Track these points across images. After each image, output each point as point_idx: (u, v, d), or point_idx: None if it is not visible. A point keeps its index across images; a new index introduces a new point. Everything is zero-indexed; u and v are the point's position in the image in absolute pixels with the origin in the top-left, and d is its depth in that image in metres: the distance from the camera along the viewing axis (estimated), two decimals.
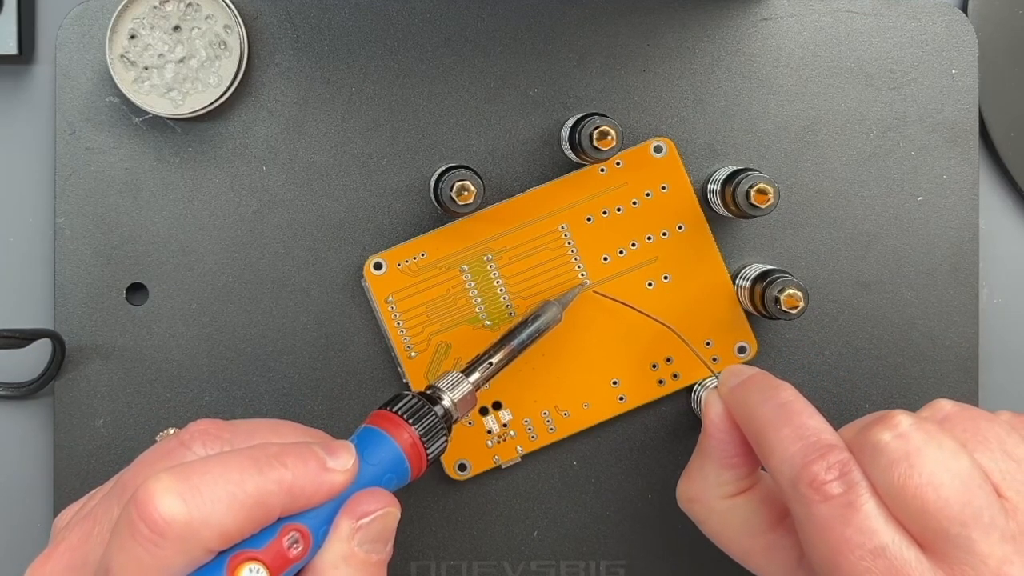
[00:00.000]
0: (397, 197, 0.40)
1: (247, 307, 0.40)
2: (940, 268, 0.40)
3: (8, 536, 0.41)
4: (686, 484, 0.36)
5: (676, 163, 0.40)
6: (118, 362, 0.40)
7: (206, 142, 0.40)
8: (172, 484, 0.27)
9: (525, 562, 0.41)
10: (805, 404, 0.33)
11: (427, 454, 0.33)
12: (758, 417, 0.33)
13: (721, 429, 0.35)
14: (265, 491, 0.28)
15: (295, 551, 0.29)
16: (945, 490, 0.28)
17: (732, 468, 0.35)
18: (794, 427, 0.31)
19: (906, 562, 0.28)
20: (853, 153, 0.40)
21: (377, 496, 0.31)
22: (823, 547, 0.29)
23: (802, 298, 0.37)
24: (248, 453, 0.29)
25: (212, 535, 0.28)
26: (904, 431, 0.30)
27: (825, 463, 0.30)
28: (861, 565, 0.29)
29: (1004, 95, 0.42)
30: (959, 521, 0.28)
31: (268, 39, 0.40)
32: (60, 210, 0.40)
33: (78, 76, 0.40)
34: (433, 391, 0.35)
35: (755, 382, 0.34)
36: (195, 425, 0.31)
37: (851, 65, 0.40)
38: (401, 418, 0.32)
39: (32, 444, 0.41)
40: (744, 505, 0.34)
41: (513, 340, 0.37)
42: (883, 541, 0.29)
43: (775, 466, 0.31)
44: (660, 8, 0.40)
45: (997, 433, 0.30)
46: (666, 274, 0.40)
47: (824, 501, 0.29)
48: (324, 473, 0.30)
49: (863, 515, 0.29)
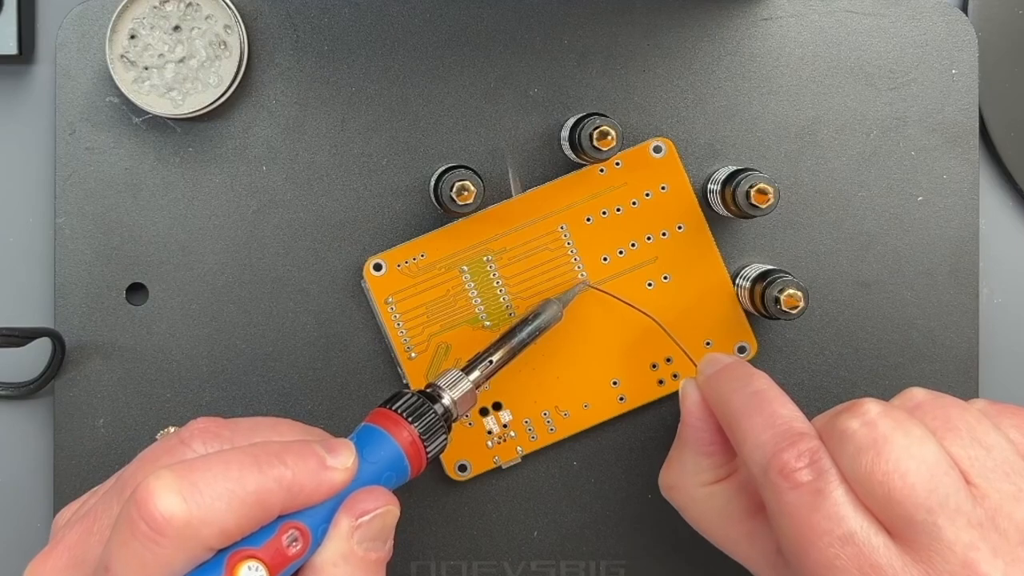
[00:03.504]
0: (397, 197, 0.40)
1: (247, 307, 0.40)
2: (940, 268, 0.40)
3: (8, 536, 0.41)
4: (666, 472, 0.36)
5: (676, 163, 0.40)
6: (118, 362, 0.40)
7: (206, 142, 0.40)
8: (172, 482, 0.28)
9: (525, 562, 0.41)
10: (778, 392, 0.33)
11: (427, 452, 0.33)
12: (731, 405, 0.33)
13: (697, 417, 0.35)
14: (265, 489, 0.28)
15: (294, 549, 0.29)
16: (911, 477, 0.28)
17: (709, 456, 0.35)
18: (766, 415, 0.32)
19: (874, 549, 0.29)
20: (853, 153, 0.40)
21: (377, 494, 0.31)
22: (792, 534, 0.30)
23: (802, 298, 0.37)
24: (248, 451, 0.29)
25: (212, 533, 0.28)
26: (872, 419, 0.30)
27: (795, 451, 0.30)
28: (830, 552, 0.29)
29: (1004, 95, 0.42)
30: (925, 507, 0.28)
31: (268, 39, 0.40)
32: (60, 210, 0.40)
33: (78, 76, 0.40)
34: (433, 389, 0.35)
35: (730, 371, 0.35)
36: (195, 423, 0.31)
37: (851, 65, 0.40)
38: (401, 416, 0.33)
39: (32, 444, 0.41)
40: (722, 493, 0.35)
41: (513, 339, 0.37)
42: (851, 528, 0.29)
43: (747, 453, 0.32)
44: (660, 8, 0.40)
45: (967, 420, 0.30)
46: (666, 274, 0.40)
47: (794, 488, 0.30)
48: (324, 471, 0.30)
49: (832, 502, 0.29)
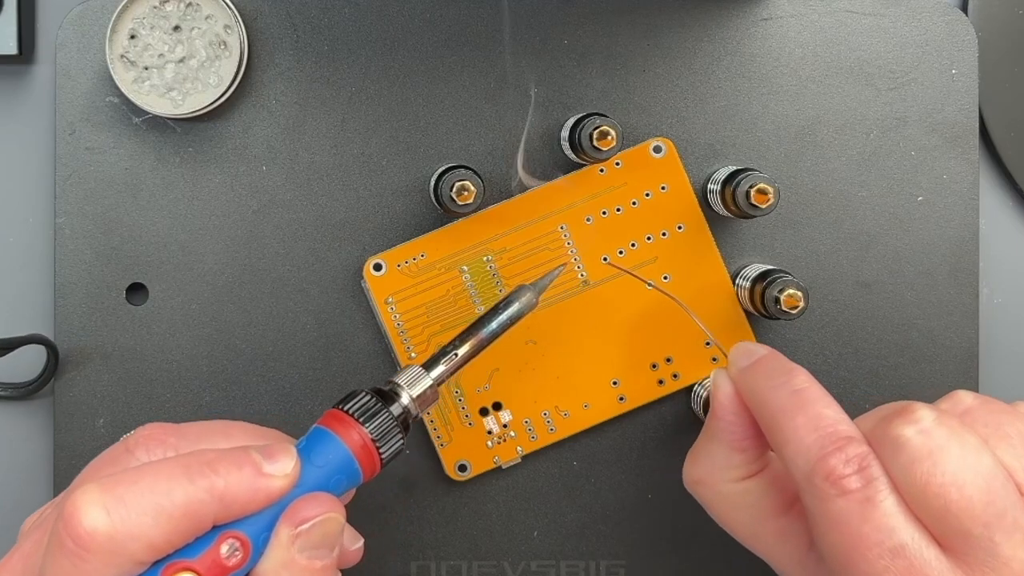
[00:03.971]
0: (397, 197, 0.40)
1: (247, 307, 0.40)
2: (940, 268, 0.40)
3: (8, 536, 0.41)
4: (693, 465, 0.34)
5: (676, 163, 0.40)
6: (118, 362, 0.40)
7: (206, 142, 0.40)
8: (97, 496, 0.27)
9: (525, 562, 0.41)
10: (821, 391, 0.31)
11: (380, 456, 0.31)
12: (771, 403, 0.32)
13: (731, 411, 0.33)
14: (195, 499, 0.28)
15: (234, 560, 0.29)
16: (968, 489, 0.27)
17: (742, 451, 0.33)
18: (809, 416, 0.30)
19: (926, 562, 0.27)
20: (853, 153, 0.40)
21: (318, 501, 0.30)
22: (838, 543, 0.28)
23: (802, 298, 0.37)
24: (180, 461, 0.29)
25: (139, 547, 0.27)
26: (927, 427, 0.29)
27: (843, 456, 0.29)
28: (880, 564, 0.28)
29: (1004, 95, 0.42)
30: (982, 522, 0.27)
31: (268, 39, 0.40)
32: (60, 210, 0.40)
33: (78, 76, 0.40)
34: (390, 387, 0.33)
35: (767, 364, 0.33)
36: (142, 430, 0.31)
37: (851, 65, 0.40)
38: (352, 418, 0.31)
39: (32, 444, 0.41)
40: (754, 489, 0.33)
41: (482, 330, 0.35)
42: (903, 539, 0.28)
43: (789, 456, 0.30)
44: (660, 8, 0.40)
45: (1019, 428, 0.29)
46: (666, 274, 0.40)
47: (841, 496, 0.28)
48: (260, 479, 0.29)
49: (882, 512, 0.28)
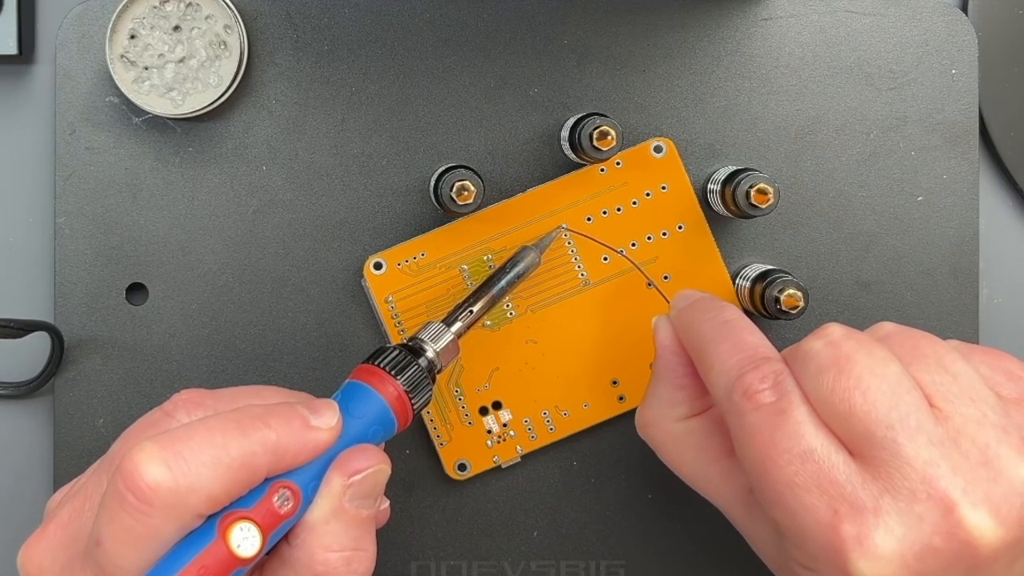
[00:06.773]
0: (397, 197, 0.40)
1: (247, 307, 0.40)
2: (940, 268, 0.40)
3: (8, 536, 0.41)
4: (642, 410, 0.36)
5: (676, 163, 0.40)
6: (118, 362, 0.40)
7: (206, 142, 0.40)
8: (156, 452, 0.28)
9: (525, 562, 0.41)
10: (747, 322, 0.33)
11: (413, 406, 0.33)
12: (701, 334, 0.33)
13: (670, 350, 0.35)
14: (250, 452, 0.29)
15: (285, 508, 0.29)
16: (872, 394, 0.29)
17: (682, 388, 0.35)
18: (733, 342, 0.32)
19: (833, 466, 0.28)
20: (853, 153, 0.40)
21: (369, 453, 0.31)
22: (753, 455, 0.30)
23: (802, 298, 0.37)
24: (231, 416, 0.29)
25: (199, 500, 0.28)
26: (835, 339, 0.30)
27: (759, 373, 0.30)
28: (790, 469, 0.29)
29: (1004, 95, 0.42)
30: (885, 424, 0.28)
31: (268, 39, 0.40)
32: (60, 210, 0.40)
33: (78, 76, 0.40)
34: (415, 343, 0.35)
35: (701, 303, 0.35)
36: (179, 395, 0.32)
37: (851, 65, 0.40)
38: (385, 371, 0.33)
39: (32, 444, 0.41)
40: (698, 429, 0.35)
41: (493, 287, 0.37)
42: (811, 445, 0.29)
43: (713, 379, 0.32)
44: (660, 8, 0.40)
45: (936, 350, 0.30)
46: (666, 274, 0.40)
47: (756, 409, 0.30)
48: (308, 431, 0.30)
49: (792, 421, 0.29)
